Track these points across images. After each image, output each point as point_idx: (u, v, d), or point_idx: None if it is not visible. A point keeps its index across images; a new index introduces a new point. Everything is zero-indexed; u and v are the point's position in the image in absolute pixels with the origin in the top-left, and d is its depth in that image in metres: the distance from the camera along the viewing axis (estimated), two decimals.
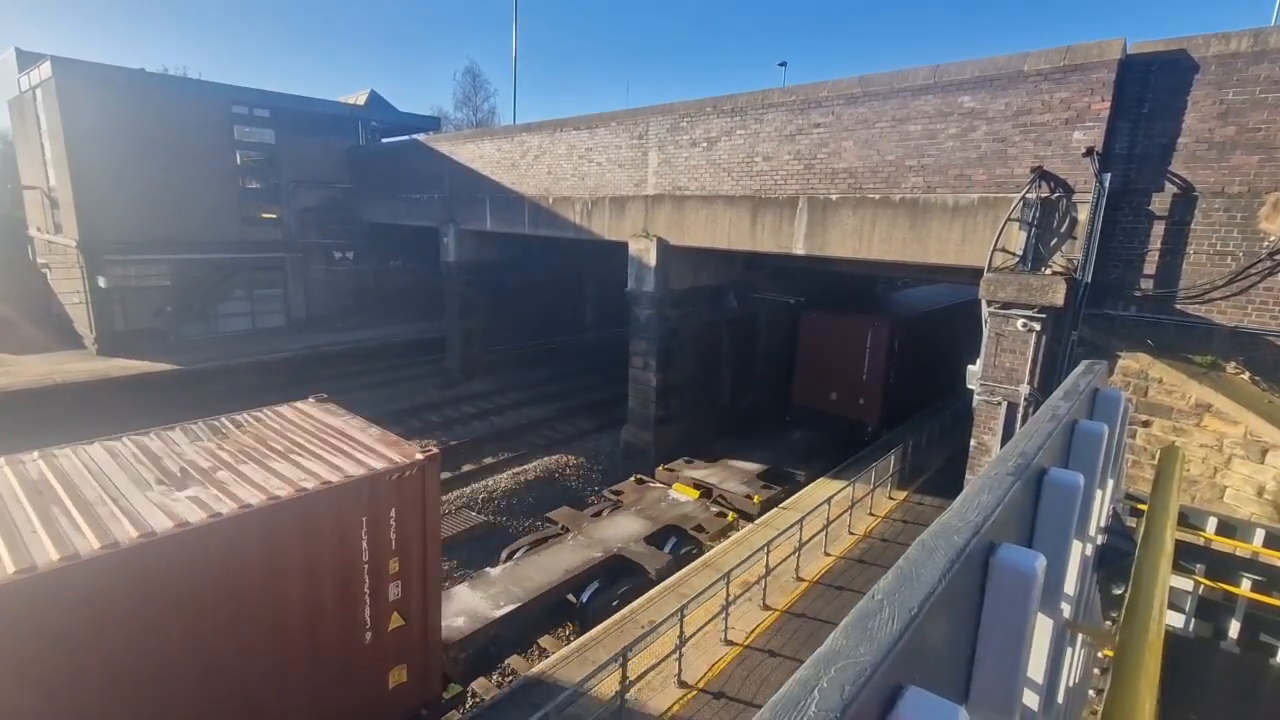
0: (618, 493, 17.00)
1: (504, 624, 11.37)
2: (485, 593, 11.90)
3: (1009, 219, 10.99)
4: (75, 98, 22.31)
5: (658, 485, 17.34)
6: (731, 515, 15.63)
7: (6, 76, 26.68)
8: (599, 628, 10.78)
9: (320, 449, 7.40)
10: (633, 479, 17.67)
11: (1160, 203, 9.86)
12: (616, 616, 11.04)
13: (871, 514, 14.99)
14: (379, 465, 7.10)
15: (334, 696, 6.98)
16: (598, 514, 15.61)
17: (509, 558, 13.55)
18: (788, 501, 15.59)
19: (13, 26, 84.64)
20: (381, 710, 7.47)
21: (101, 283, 23.29)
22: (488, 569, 12.93)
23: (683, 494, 16.62)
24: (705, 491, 16.75)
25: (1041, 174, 10.56)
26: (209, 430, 7.77)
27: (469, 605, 11.53)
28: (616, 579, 13.06)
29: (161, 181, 24.31)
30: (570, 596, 12.62)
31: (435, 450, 7.60)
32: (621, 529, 14.60)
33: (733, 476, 17.42)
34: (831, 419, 20.92)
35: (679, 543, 14.75)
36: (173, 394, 21.38)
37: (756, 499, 16.05)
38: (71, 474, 6.44)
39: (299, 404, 8.78)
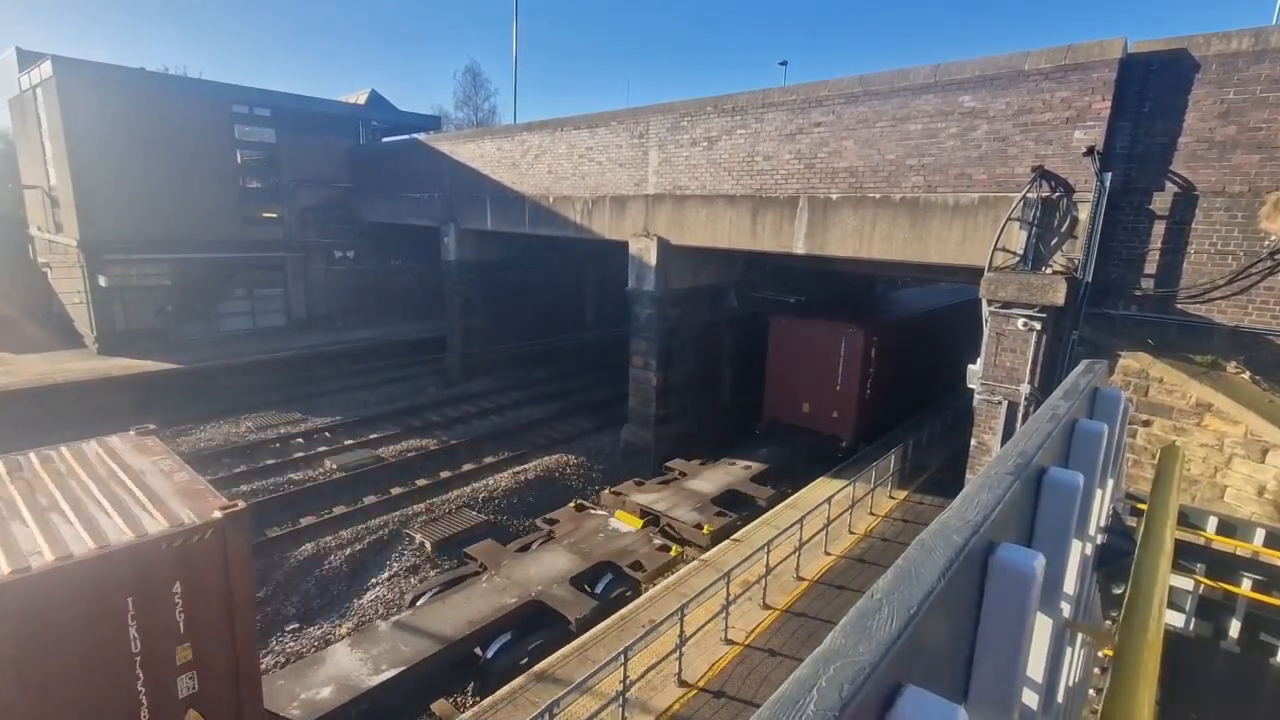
0: (552, 521, 15.17)
1: (385, 692, 9.57)
2: (366, 653, 10.13)
3: (1009, 218, 10.98)
4: (76, 97, 22.32)
5: (599, 512, 15.52)
6: (676, 549, 13.88)
7: (7, 76, 26.70)
8: (599, 627, 10.78)
9: (96, 504, 5.90)
10: (572, 505, 16.10)
11: (1161, 202, 9.86)
12: (616, 616, 11.03)
13: (872, 513, 15.00)
14: (154, 529, 5.55)
15: None
16: (525, 547, 13.85)
17: (414, 603, 12.01)
18: (792, 499, 15.56)
19: (13, 26, 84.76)
20: None
21: (102, 282, 23.31)
22: (378, 621, 11.46)
23: (625, 523, 14.72)
24: (652, 519, 14.99)
25: (1042, 173, 10.55)
26: None
27: (342, 670, 9.76)
28: (533, 629, 11.34)
29: (162, 181, 24.33)
30: (478, 650, 10.96)
31: (240, 506, 6.04)
32: (547, 567, 12.81)
33: (684, 502, 15.59)
34: (804, 433, 19.68)
35: (614, 582, 12.91)
36: (174, 393, 21.41)
37: (707, 529, 14.35)
38: None
39: (113, 438, 7.28)
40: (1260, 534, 6.94)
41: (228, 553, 5.88)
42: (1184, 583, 7.05)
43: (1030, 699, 2.19)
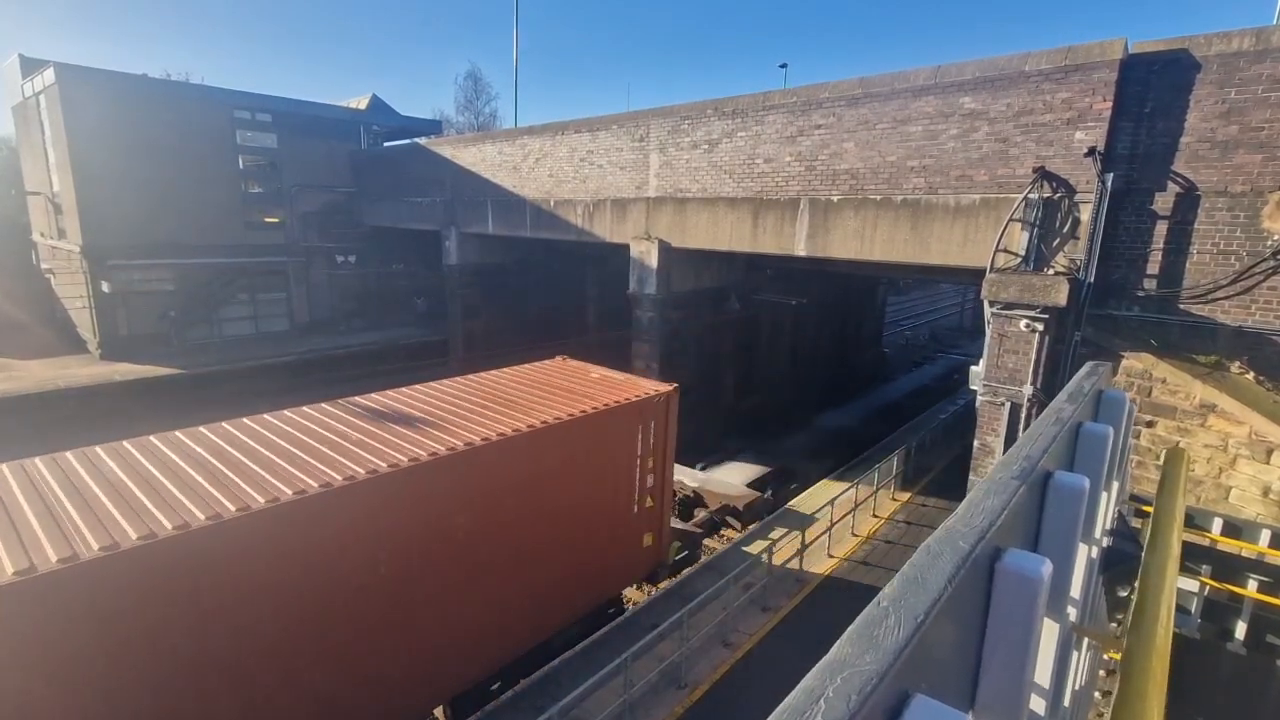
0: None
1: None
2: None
3: (1011, 219, 10.97)
4: (79, 104, 22.39)
5: None
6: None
7: (11, 82, 26.80)
8: (603, 630, 10.74)
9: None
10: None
11: (1163, 202, 9.84)
12: (619, 620, 11.00)
13: (875, 515, 14.96)
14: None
15: None
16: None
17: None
18: (793, 502, 15.54)
19: (18, 32, 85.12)
20: None
21: (105, 287, 23.35)
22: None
23: None
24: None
25: (1044, 174, 10.53)
26: None
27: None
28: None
29: (165, 186, 24.38)
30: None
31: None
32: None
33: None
34: None
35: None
36: (177, 398, 21.42)
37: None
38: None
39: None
40: (1266, 535, 6.90)
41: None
42: (1190, 584, 7.02)
43: (1037, 704, 2.17)
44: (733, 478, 17.63)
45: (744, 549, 13.21)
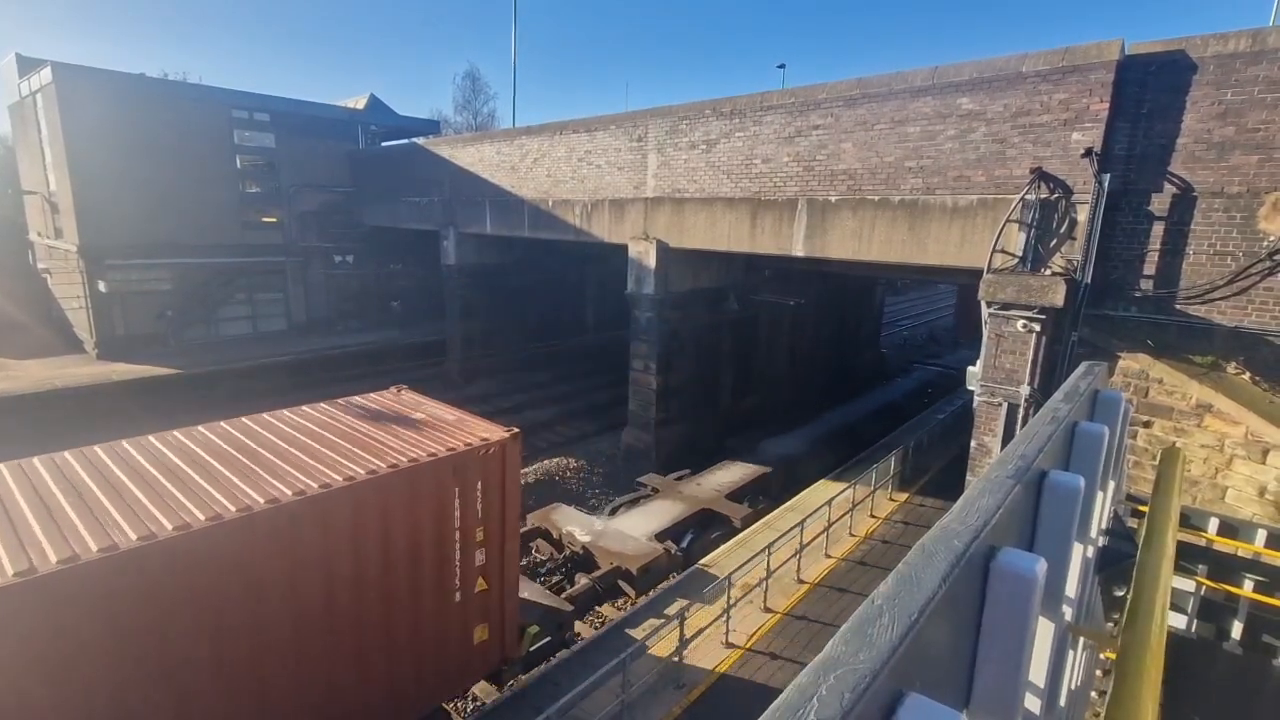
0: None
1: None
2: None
3: (1008, 220, 10.99)
4: (76, 103, 22.34)
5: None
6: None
7: (7, 81, 26.74)
8: (601, 631, 10.74)
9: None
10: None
11: (1160, 203, 9.86)
12: (618, 618, 10.99)
13: (873, 515, 14.96)
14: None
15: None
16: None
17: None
18: (792, 502, 15.53)
19: (18, 32, 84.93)
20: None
21: (102, 287, 23.30)
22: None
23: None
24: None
25: (1041, 175, 10.55)
26: None
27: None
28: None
29: (162, 186, 24.34)
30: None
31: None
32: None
33: None
34: None
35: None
36: (174, 398, 21.38)
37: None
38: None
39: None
40: (1261, 535, 6.92)
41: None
42: (1186, 584, 7.04)
43: (1033, 704, 2.18)
44: (640, 527, 14.39)
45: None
